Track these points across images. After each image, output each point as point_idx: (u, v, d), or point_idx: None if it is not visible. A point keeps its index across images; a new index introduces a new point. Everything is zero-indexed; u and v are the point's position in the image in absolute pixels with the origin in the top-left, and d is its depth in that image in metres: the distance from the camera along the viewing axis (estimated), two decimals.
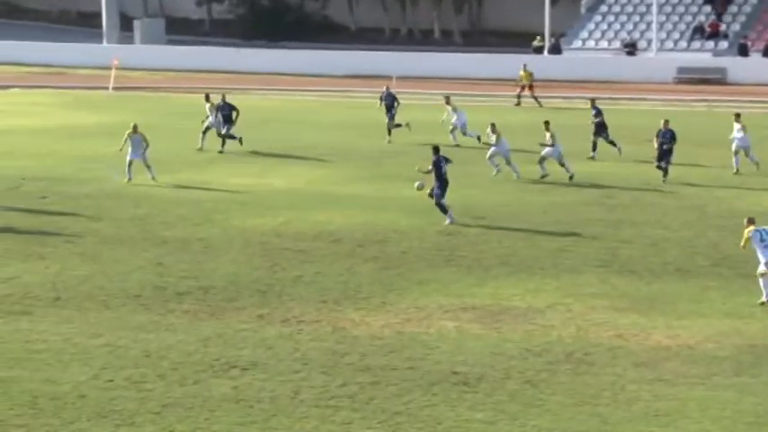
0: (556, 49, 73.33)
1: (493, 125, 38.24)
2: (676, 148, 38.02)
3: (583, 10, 76.70)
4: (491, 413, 18.50)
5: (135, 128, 37.36)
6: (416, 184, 32.14)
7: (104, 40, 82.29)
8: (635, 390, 19.54)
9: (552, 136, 37.73)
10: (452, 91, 62.36)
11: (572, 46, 74.32)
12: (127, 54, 72.37)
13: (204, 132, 43.67)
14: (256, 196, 35.49)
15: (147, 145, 37.24)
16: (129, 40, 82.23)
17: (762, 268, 24.37)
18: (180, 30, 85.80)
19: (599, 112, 42.55)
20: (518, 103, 58.77)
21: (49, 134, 47.06)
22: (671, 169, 37.61)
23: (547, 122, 38.54)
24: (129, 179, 36.92)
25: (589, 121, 42.74)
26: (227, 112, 43.62)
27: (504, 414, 18.48)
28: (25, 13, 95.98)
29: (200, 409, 18.61)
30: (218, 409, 18.58)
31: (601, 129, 42.35)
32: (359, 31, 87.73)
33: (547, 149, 37.85)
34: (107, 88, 63.38)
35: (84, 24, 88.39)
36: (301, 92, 63.31)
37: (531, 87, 58.94)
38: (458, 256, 28.43)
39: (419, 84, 63.44)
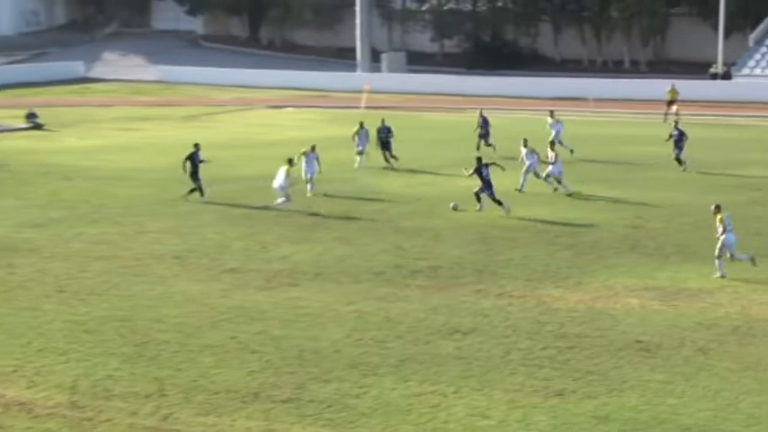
0: (727, 76, 71.38)
1: (527, 143, 35.86)
2: None
3: (751, 43, 74.23)
4: (668, 375, 18.10)
5: (313, 147, 35.35)
6: (451, 204, 31.82)
7: (358, 70, 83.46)
8: None
9: (556, 155, 35.16)
10: (640, 110, 61.32)
11: (741, 73, 72.01)
12: (376, 80, 73.14)
13: (359, 154, 40.98)
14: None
15: (319, 164, 35.18)
16: (378, 69, 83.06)
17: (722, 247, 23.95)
18: (418, 61, 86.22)
19: (681, 133, 39.66)
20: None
21: (315, 144, 47.89)
22: None
23: (552, 143, 35.96)
24: (311, 193, 34.56)
25: (669, 138, 40.10)
26: (384, 135, 40.78)
27: (680, 376, 18.05)
28: (297, 48, 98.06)
29: (430, 364, 18.73)
30: (444, 365, 18.67)
31: (678, 144, 39.47)
32: (562, 62, 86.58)
33: (549, 167, 35.14)
34: (360, 107, 64.24)
35: (343, 57, 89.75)
36: (515, 111, 62.86)
37: (671, 104, 57.05)
38: (641, 246, 27.85)
39: (612, 104, 62.64)
